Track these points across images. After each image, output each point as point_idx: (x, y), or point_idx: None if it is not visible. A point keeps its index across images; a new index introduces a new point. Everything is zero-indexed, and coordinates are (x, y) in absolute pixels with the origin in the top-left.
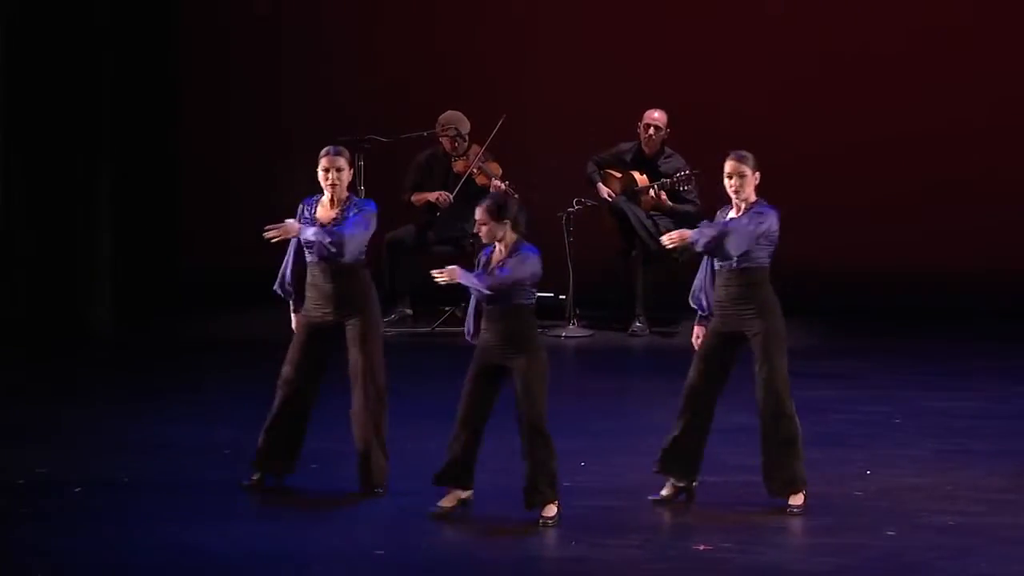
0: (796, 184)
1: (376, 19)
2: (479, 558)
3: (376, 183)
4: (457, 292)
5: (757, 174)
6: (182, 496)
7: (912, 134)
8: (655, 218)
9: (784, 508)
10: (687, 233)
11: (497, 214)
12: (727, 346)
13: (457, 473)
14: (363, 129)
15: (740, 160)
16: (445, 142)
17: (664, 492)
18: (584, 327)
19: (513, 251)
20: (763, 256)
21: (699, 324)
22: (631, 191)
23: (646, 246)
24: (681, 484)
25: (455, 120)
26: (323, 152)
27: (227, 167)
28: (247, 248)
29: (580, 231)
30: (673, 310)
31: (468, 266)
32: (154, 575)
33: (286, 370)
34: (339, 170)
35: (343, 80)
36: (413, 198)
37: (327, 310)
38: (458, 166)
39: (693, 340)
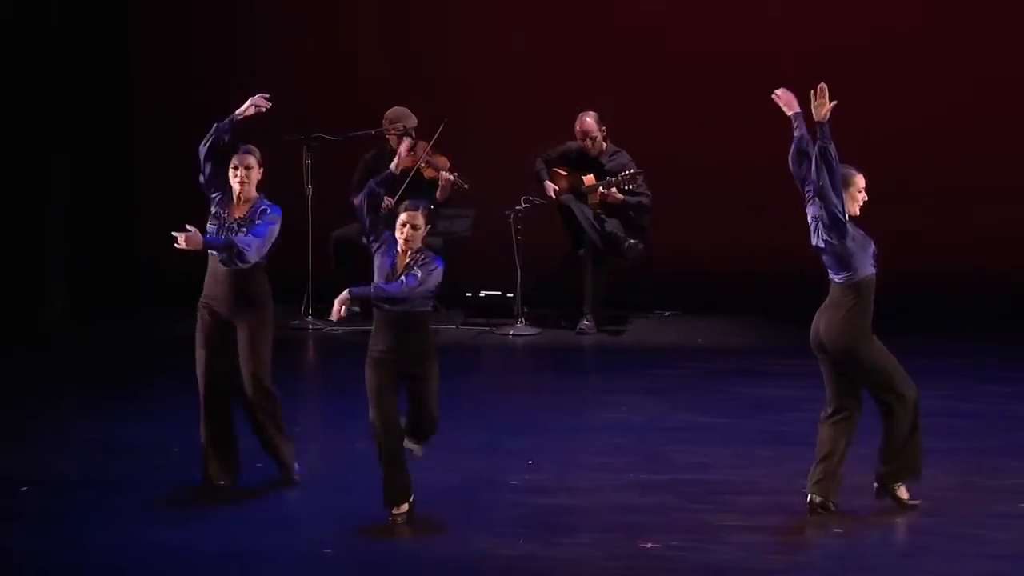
0: (763, 185)
1: (333, 16)
2: (428, 557)
3: (324, 181)
4: None
5: None
6: (132, 495)
7: (883, 134)
8: (602, 216)
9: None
10: None
11: (429, 221)
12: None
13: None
14: (313, 127)
15: None
16: (392, 139)
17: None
18: (532, 325)
19: (422, 259)
20: None
21: None
22: (578, 190)
23: (594, 245)
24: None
25: (402, 116)
26: (243, 150)
27: (185, 165)
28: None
29: (528, 229)
30: (621, 308)
31: None
32: (108, 574)
33: (204, 367)
34: (247, 168)
35: (300, 77)
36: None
37: (224, 308)
38: (406, 161)
39: None
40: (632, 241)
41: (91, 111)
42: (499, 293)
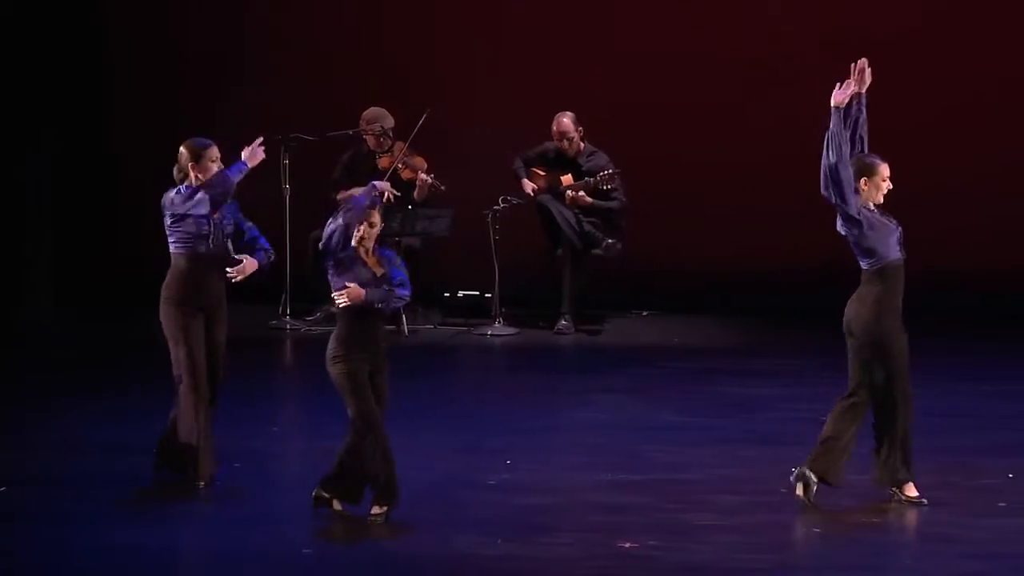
0: (743, 185)
1: (311, 16)
2: (406, 557)
3: (302, 181)
4: None
5: None
6: (112, 495)
7: (883, 135)
8: (580, 216)
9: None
10: None
11: (382, 218)
12: None
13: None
14: (290, 127)
15: None
16: (370, 139)
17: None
18: (510, 325)
19: (391, 256)
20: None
21: None
22: (556, 190)
23: (572, 244)
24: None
25: (379, 116)
26: (209, 144)
27: (167, 163)
28: None
29: (506, 229)
30: (599, 308)
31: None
32: (88, 575)
33: (195, 364)
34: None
35: (278, 77)
36: (339, 196)
37: (210, 306)
38: (383, 162)
39: None
40: (610, 241)
41: (72, 111)
42: (477, 293)
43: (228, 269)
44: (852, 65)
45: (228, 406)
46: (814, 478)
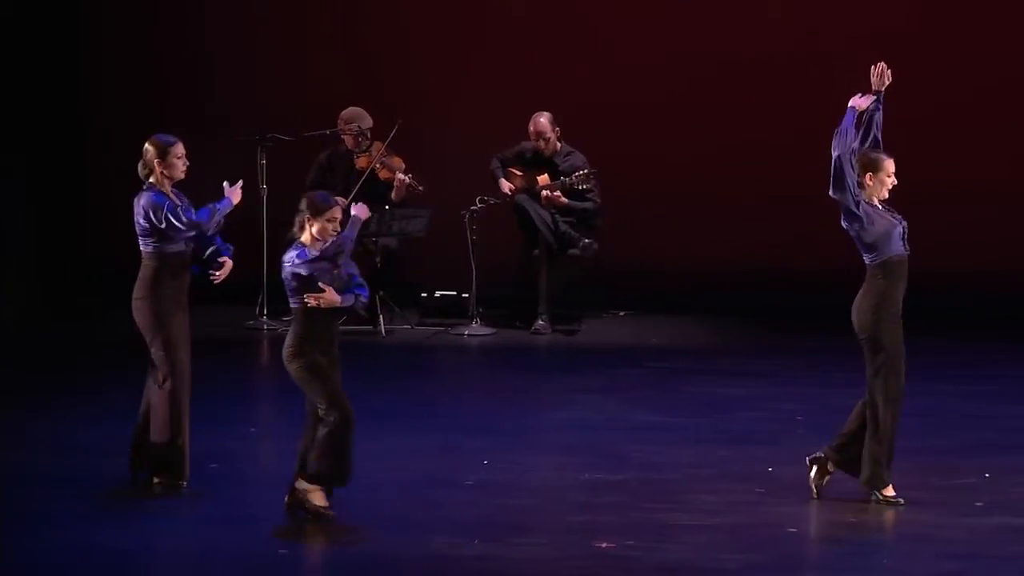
0: (722, 185)
1: (288, 15)
2: (383, 557)
3: (278, 181)
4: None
5: None
6: (90, 495)
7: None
8: (556, 216)
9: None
10: None
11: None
12: None
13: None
14: (266, 127)
15: None
16: (348, 139)
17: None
18: (487, 325)
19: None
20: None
21: None
22: (533, 190)
23: (548, 245)
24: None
25: (357, 116)
26: (174, 141)
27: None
28: None
29: (483, 229)
30: (576, 308)
31: (369, 264)
32: (66, 574)
33: (176, 363)
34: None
35: (255, 77)
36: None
37: (180, 301)
38: (361, 162)
39: None
40: (587, 240)
41: (49, 111)
42: (454, 293)
43: (213, 272)
44: (872, 67)
45: (205, 406)
46: (831, 466)
